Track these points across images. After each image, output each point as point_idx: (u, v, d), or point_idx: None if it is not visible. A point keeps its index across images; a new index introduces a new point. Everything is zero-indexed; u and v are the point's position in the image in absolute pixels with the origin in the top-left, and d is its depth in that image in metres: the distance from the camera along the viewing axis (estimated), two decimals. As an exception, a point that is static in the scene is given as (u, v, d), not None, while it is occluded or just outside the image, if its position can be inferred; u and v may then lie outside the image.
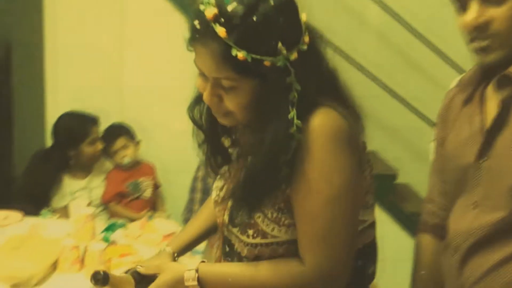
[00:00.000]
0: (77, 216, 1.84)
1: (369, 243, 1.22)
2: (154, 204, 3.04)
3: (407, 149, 3.50)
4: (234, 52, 1.02)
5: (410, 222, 2.97)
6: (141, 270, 1.27)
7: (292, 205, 1.12)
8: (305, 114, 1.07)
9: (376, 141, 1.39)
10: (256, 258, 1.18)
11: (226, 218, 1.22)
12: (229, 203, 1.20)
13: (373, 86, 3.12)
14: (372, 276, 1.25)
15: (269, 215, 1.14)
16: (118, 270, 1.42)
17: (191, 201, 2.69)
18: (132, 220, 2.57)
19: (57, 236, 1.93)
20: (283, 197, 1.11)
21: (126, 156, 2.99)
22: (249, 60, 1.03)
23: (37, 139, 3.13)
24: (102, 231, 2.03)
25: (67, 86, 3.16)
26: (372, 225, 1.22)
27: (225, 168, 1.29)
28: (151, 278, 1.24)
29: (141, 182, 3.06)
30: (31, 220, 2.26)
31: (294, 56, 1.06)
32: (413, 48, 3.26)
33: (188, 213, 2.95)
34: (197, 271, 1.18)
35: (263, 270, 1.15)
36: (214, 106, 1.13)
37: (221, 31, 1.02)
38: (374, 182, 1.20)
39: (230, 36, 1.02)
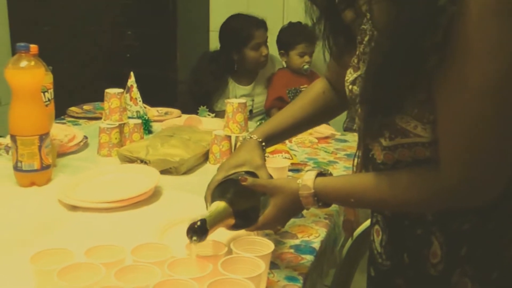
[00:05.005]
0: (229, 104, 1.74)
1: None
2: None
3: None
4: None
5: None
6: (248, 183, 1.05)
7: (435, 99, 0.85)
8: None
9: None
10: (396, 163, 0.94)
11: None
12: (359, 107, 0.97)
13: None
14: None
15: (409, 111, 0.88)
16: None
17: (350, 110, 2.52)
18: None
19: (210, 129, 1.87)
20: (427, 87, 0.84)
21: (309, 62, 2.88)
22: None
23: (201, 44, 3.12)
24: (257, 126, 1.93)
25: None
26: None
27: (354, 59, 1.03)
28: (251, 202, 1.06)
29: (302, 90, 2.91)
30: (188, 115, 2.25)
31: None
32: None
33: (350, 122, 2.78)
34: (314, 195, 1.00)
35: (390, 183, 0.92)
36: None
37: None
38: None
39: None
